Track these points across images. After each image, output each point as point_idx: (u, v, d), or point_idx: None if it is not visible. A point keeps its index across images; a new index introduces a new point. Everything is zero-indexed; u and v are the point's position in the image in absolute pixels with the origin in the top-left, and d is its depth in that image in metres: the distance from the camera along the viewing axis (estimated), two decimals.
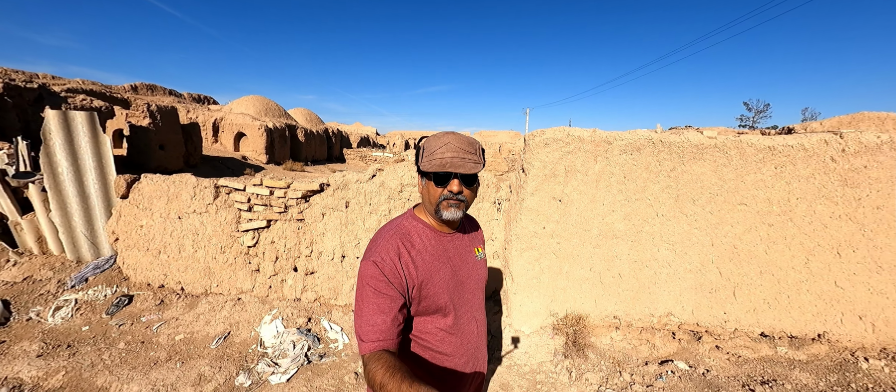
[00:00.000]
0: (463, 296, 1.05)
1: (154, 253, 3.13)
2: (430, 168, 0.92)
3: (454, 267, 1.03)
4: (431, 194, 0.96)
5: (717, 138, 2.58)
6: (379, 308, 0.87)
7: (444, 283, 0.99)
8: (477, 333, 1.10)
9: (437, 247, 1.01)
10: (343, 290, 2.99)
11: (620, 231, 2.68)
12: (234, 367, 2.43)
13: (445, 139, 0.93)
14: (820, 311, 2.68)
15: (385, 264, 0.90)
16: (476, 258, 1.12)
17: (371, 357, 0.81)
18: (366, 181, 2.94)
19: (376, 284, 0.89)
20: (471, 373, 1.08)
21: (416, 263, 0.95)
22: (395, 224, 1.02)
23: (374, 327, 0.85)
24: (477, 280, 1.11)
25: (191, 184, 3.02)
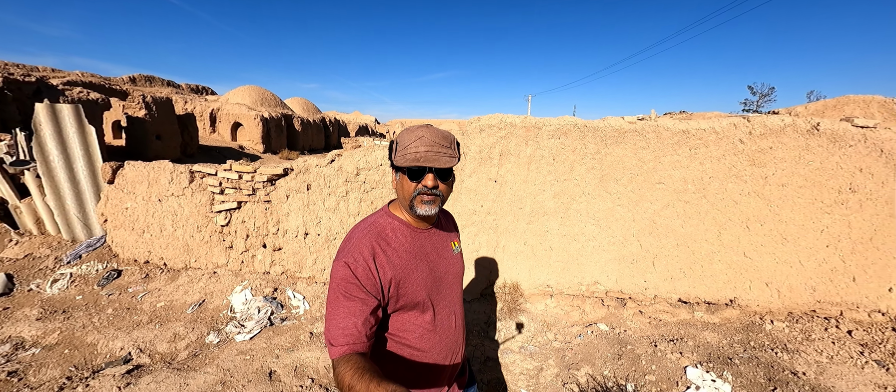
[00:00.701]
0: (441, 291, 1.04)
1: (138, 232, 3.48)
2: (404, 162, 0.90)
3: (431, 263, 1.02)
4: (405, 189, 0.94)
5: (636, 123, 2.83)
6: (349, 311, 0.86)
7: (421, 280, 0.98)
8: (455, 327, 1.09)
9: (414, 243, 0.99)
10: (306, 264, 3.32)
11: (551, 208, 2.97)
12: (205, 328, 2.79)
13: (419, 133, 0.91)
14: (730, 279, 2.97)
15: (357, 265, 0.88)
16: (452, 252, 1.11)
17: (339, 360, 0.80)
18: (325, 166, 3.24)
19: (347, 287, 0.87)
20: (449, 366, 1.08)
21: (393, 262, 0.93)
22: (370, 222, 1.00)
23: (343, 331, 0.84)
24: (454, 274, 1.10)
25: (168, 169, 3.34)
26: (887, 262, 2.83)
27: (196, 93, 21.32)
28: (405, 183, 0.93)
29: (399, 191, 0.96)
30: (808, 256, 2.87)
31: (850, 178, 2.74)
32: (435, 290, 1.02)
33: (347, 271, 0.87)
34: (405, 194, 0.94)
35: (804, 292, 2.92)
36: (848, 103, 10.68)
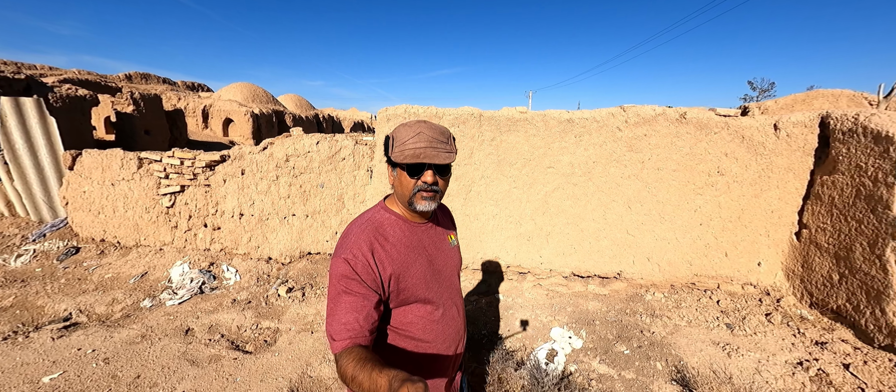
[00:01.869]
0: (441, 284, 1.05)
1: (95, 213, 3.85)
2: (403, 159, 0.89)
3: (430, 256, 1.02)
4: (404, 185, 0.94)
5: (527, 113, 3.14)
6: (350, 306, 0.86)
7: (420, 273, 0.99)
8: (457, 317, 1.11)
9: (412, 238, 1.00)
10: (242, 242, 3.67)
11: (453, 190, 3.29)
12: (142, 295, 3.15)
13: (417, 128, 0.90)
14: (616, 255, 3.27)
15: (357, 261, 0.89)
16: (450, 245, 1.12)
17: (341, 354, 0.81)
18: (258, 153, 3.58)
19: (347, 283, 0.88)
20: (453, 355, 1.09)
21: (392, 256, 0.94)
22: (367, 217, 1.00)
23: (345, 326, 0.85)
24: (453, 267, 1.12)
25: (119, 156, 3.70)
26: (755, 239, 3.12)
27: (191, 90, 21.79)
28: (404, 179, 0.93)
29: (397, 187, 0.96)
30: (684, 234, 3.16)
31: (718, 162, 3.03)
32: (435, 282, 1.02)
33: (347, 267, 0.88)
34: (404, 191, 0.94)
35: (682, 266, 3.22)
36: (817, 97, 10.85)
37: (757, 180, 3.01)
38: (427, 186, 0.92)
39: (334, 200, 3.68)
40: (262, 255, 3.67)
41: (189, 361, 2.33)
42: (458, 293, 1.15)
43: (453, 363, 1.12)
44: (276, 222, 3.64)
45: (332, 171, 3.63)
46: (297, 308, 3.01)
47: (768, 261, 3.13)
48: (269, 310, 3.00)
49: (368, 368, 0.73)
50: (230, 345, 2.55)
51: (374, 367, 0.73)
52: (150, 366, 2.27)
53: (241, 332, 2.72)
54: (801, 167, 2.93)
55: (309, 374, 2.29)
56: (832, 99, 11.17)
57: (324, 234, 3.72)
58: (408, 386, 0.62)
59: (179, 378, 2.18)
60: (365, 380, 0.72)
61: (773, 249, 3.11)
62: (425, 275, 0.99)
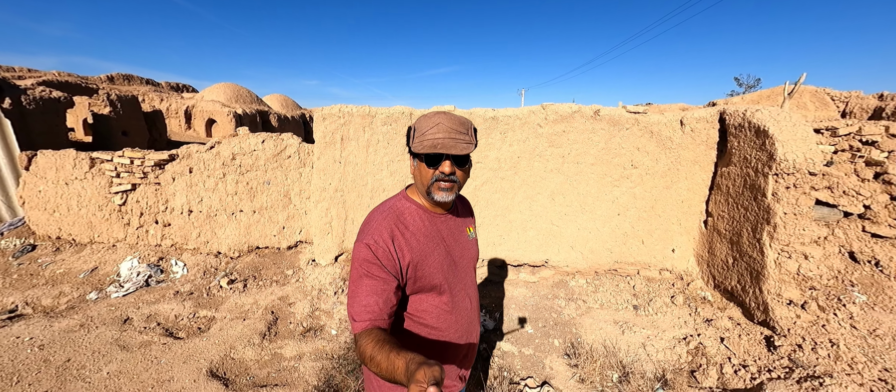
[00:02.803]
0: (457, 274, 1.07)
1: (50, 212, 3.98)
2: (422, 149, 0.91)
3: (448, 247, 1.05)
4: (423, 176, 0.96)
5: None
6: (371, 290, 0.89)
7: (438, 263, 1.01)
8: (470, 308, 1.13)
9: (431, 227, 1.02)
10: (191, 237, 3.83)
11: (389, 185, 3.47)
12: (89, 288, 3.30)
13: (436, 119, 0.92)
14: (543, 244, 3.48)
15: (378, 247, 0.92)
16: (468, 237, 1.14)
17: (361, 334, 0.84)
18: (205, 151, 3.73)
19: (368, 267, 0.91)
20: (464, 345, 1.12)
21: (411, 245, 0.96)
22: (389, 205, 1.03)
23: (365, 308, 0.88)
24: (470, 259, 1.14)
25: (72, 156, 3.83)
26: (668, 227, 3.34)
27: (176, 90, 21.71)
28: (423, 169, 0.95)
29: (417, 177, 0.99)
30: (604, 223, 3.38)
31: (632, 155, 3.24)
32: (451, 272, 1.05)
33: (369, 252, 0.91)
34: (423, 181, 0.96)
35: (604, 254, 3.43)
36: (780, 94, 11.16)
37: (667, 172, 3.22)
38: (445, 177, 0.94)
39: (281, 197, 3.84)
40: (212, 250, 3.83)
41: (120, 346, 2.49)
42: (473, 285, 1.17)
43: (465, 353, 1.13)
44: (224, 218, 3.80)
45: (277, 169, 3.80)
46: (237, 298, 3.18)
47: (681, 247, 3.36)
48: (209, 300, 3.17)
49: (387, 350, 0.75)
50: (164, 332, 2.72)
51: (392, 349, 0.75)
52: (82, 351, 2.42)
53: (177, 321, 2.89)
54: (705, 160, 3.15)
55: (231, 356, 2.47)
56: (796, 95, 11.47)
57: (271, 229, 3.88)
58: (424, 369, 0.63)
59: (107, 361, 2.34)
60: (383, 360, 0.74)
61: (685, 237, 3.34)
62: (442, 264, 1.02)
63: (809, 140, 2.46)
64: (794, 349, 2.22)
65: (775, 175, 2.48)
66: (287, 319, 2.94)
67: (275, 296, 3.22)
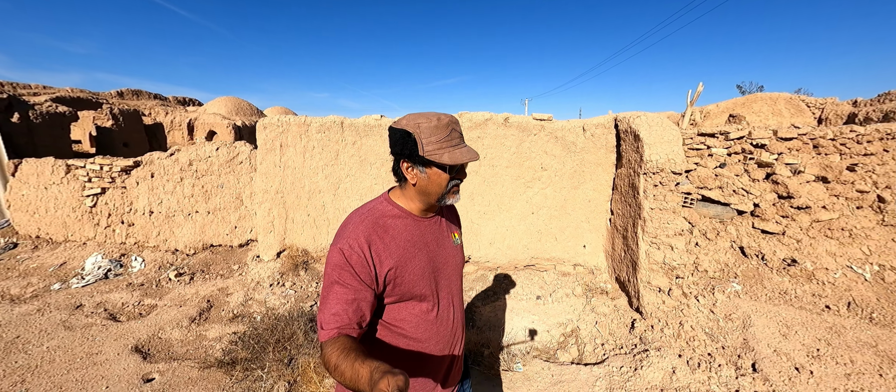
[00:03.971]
0: (440, 282, 1.03)
1: (31, 213, 4.42)
2: (448, 160, 0.89)
3: (431, 252, 1.00)
4: (438, 183, 0.93)
5: (381, 120, 3.67)
6: (341, 297, 0.86)
7: (420, 270, 0.96)
8: (454, 319, 1.08)
9: (414, 232, 0.98)
10: (152, 236, 4.21)
11: (324, 187, 3.81)
12: (54, 280, 3.69)
13: (448, 126, 0.90)
14: (465, 241, 3.75)
15: (352, 252, 0.87)
16: (453, 243, 1.10)
17: (327, 342, 0.81)
18: (165, 158, 4.14)
19: (340, 274, 0.87)
20: (447, 358, 1.07)
21: (391, 250, 0.92)
22: (368, 208, 0.98)
23: (334, 316, 0.84)
24: (454, 265, 1.09)
25: (50, 163, 4.28)
26: (578, 225, 3.59)
27: (182, 104, 22.71)
28: (440, 178, 0.92)
29: (424, 184, 0.94)
30: (519, 221, 3.65)
31: (541, 159, 3.52)
32: (434, 280, 1.00)
33: (342, 258, 0.87)
34: (437, 188, 0.93)
35: (521, 250, 3.69)
36: (756, 100, 11.33)
37: (574, 174, 3.49)
38: (459, 182, 0.95)
39: (233, 199, 4.21)
40: (170, 248, 4.20)
41: (65, 327, 2.84)
42: (459, 293, 1.12)
43: (448, 366, 1.08)
44: (182, 218, 4.18)
45: (230, 173, 4.18)
46: (181, 289, 3.53)
47: (591, 243, 3.60)
48: (157, 290, 3.52)
49: (351, 359, 0.73)
50: (108, 316, 3.07)
51: (357, 358, 0.73)
52: (31, 330, 2.78)
53: (123, 308, 3.24)
54: (607, 162, 3.42)
55: (159, 335, 2.80)
56: (771, 102, 11.66)
57: (224, 229, 4.24)
58: (388, 378, 0.62)
59: (50, 338, 2.69)
60: (347, 369, 0.72)
61: (594, 234, 3.58)
62: (424, 271, 0.97)
63: (674, 143, 2.72)
64: (647, 329, 2.45)
65: (645, 174, 2.74)
66: (220, 307, 3.27)
67: (216, 287, 3.56)
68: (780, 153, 3.30)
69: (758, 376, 2.01)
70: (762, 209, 3.21)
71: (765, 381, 1.98)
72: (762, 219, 3.22)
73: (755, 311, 2.52)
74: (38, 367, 2.40)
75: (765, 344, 2.23)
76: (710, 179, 3.29)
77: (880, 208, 3.19)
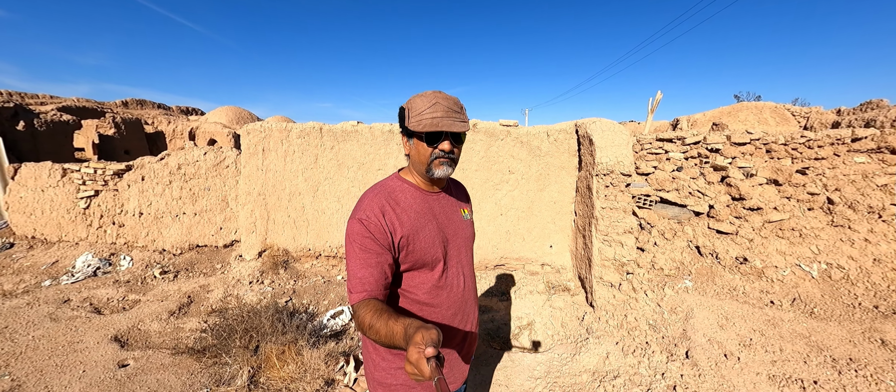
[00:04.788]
0: (449, 251, 1.08)
1: (28, 215, 4.63)
2: (421, 128, 0.94)
3: (440, 224, 1.06)
4: (422, 154, 0.99)
5: (358, 126, 3.88)
6: (365, 263, 0.92)
7: (430, 238, 1.02)
8: (465, 287, 1.13)
9: (423, 204, 1.04)
10: (141, 236, 4.40)
11: (304, 189, 4.00)
12: (45, 277, 3.87)
13: (434, 98, 0.95)
14: None
15: (370, 222, 0.94)
16: (462, 218, 1.15)
17: (358, 305, 0.87)
18: (156, 162, 4.35)
19: (362, 241, 0.93)
20: (459, 327, 1.12)
21: (402, 220, 0.98)
22: (380, 185, 1.06)
23: (360, 281, 0.90)
24: (464, 238, 1.14)
25: (47, 167, 4.51)
26: (545, 226, 3.74)
27: (184, 113, 23.22)
28: (422, 148, 0.98)
29: (414, 156, 1.01)
30: (489, 222, 3.81)
31: (508, 163, 3.70)
32: (443, 249, 1.06)
33: (361, 227, 0.94)
34: (422, 158, 0.99)
35: (491, 250, 3.84)
36: (742, 109, 11.52)
37: (539, 177, 3.67)
38: (444, 154, 0.98)
39: (219, 201, 4.41)
40: (158, 248, 4.38)
41: (51, 319, 3.01)
42: (469, 264, 1.17)
43: (463, 339, 1.13)
44: (170, 220, 4.37)
45: (216, 177, 4.38)
46: (164, 286, 3.70)
47: (557, 243, 3.75)
48: (141, 287, 3.69)
49: (385, 318, 0.79)
50: (92, 310, 3.23)
51: (390, 317, 0.78)
52: (20, 321, 2.95)
53: (108, 302, 3.40)
54: (570, 166, 3.59)
55: (138, 327, 2.96)
56: (756, 111, 11.85)
57: (210, 230, 4.43)
58: (422, 332, 0.66)
59: (36, 329, 2.86)
60: (382, 327, 0.77)
61: (560, 234, 3.73)
62: (434, 240, 1.03)
63: (623, 147, 2.90)
64: (595, 320, 2.59)
65: (597, 176, 2.91)
66: (200, 302, 3.43)
67: (198, 284, 3.72)
68: (734, 157, 3.46)
69: (688, 362, 2.14)
70: (717, 210, 3.36)
71: (693, 366, 2.11)
72: (717, 219, 3.36)
73: (699, 305, 2.65)
74: (22, 353, 2.56)
75: (701, 334, 2.36)
76: (668, 182, 3.45)
77: (830, 210, 3.33)
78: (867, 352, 2.27)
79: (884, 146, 3.45)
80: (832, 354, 2.24)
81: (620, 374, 1.99)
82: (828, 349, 2.28)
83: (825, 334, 2.42)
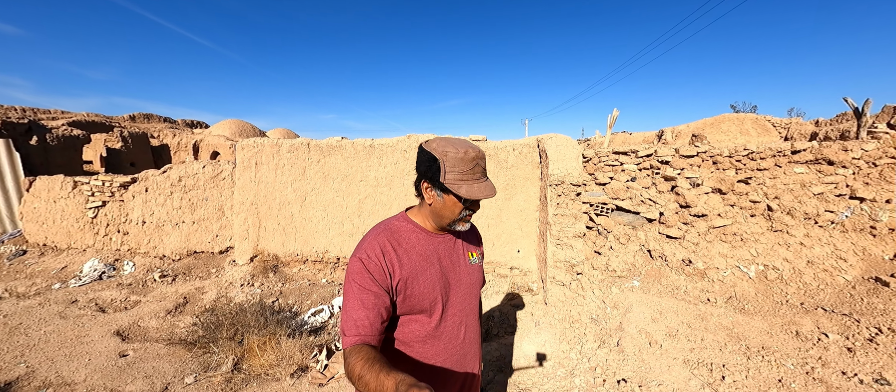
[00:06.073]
0: (451, 298, 1.04)
1: (40, 224, 5.01)
2: (465, 194, 0.93)
3: (443, 268, 1.03)
4: (450, 209, 0.97)
5: (342, 141, 4.25)
6: (362, 303, 0.89)
7: (430, 283, 0.99)
8: (465, 338, 1.08)
9: (428, 247, 1.01)
10: (143, 243, 4.75)
11: (293, 199, 4.36)
12: (55, 280, 4.22)
13: (474, 160, 0.94)
14: None
15: (370, 261, 0.92)
16: (469, 262, 1.11)
17: (350, 351, 0.83)
18: (159, 175, 4.74)
19: (361, 280, 0.91)
20: (459, 374, 1.08)
21: (402, 261, 0.96)
22: (385, 224, 1.03)
23: (355, 323, 0.87)
24: (469, 284, 1.10)
25: (60, 180, 4.91)
26: (512, 232, 4.06)
27: (189, 127, 23.89)
28: (453, 205, 0.96)
29: (438, 207, 0.99)
30: None
31: None
32: (445, 295, 1.02)
33: (361, 266, 0.92)
34: (449, 214, 0.98)
35: None
36: (724, 121, 11.87)
37: (507, 187, 4.00)
38: (471, 212, 0.99)
39: (216, 210, 4.77)
40: (159, 253, 4.73)
41: (61, 316, 3.35)
42: (474, 313, 1.12)
43: (462, 383, 1.09)
44: (170, 228, 4.74)
45: (214, 188, 4.76)
46: (163, 288, 4.03)
47: (525, 248, 4.06)
48: (142, 289, 4.03)
49: (376, 369, 0.75)
50: (97, 309, 3.57)
51: (381, 369, 0.75)
52: (32, 318, 3.29)
53: (111, 302, 3.74)
54: (533, 177, 3.93)
55: (137, 324, 3.29)
56: (738, 122, 12.21)
57: (207, 237, 4.78)
58: (414, 391, 0.64)
59: (47, 325, 3.19)
60: (372, 380, 0.74)
61: (527, 240, 4.05)
62: (435, 285, 1.00)
63: (573, 160, 3.24)
64: (543, 315, 2.89)
65: (550, 185, 3.25)
66: (195, 302, 3.75)
67: (194, 287, 4.06)
68: (683, 169, 3.78)
69: (616, 349, 2.44)
70: (666, 217, 3.67)
71: (620, 352, 2.40)
72: (667, 225, 3.67)
73: (639, 302, 2.95)
74: (36, 345, 2.89)
75: (634, 326, 2.66)
76: (622, 191, 3.77)
77: (769, 216, 3.63)
78: (780, 342, 2.55)
79: (821, 158, 3.76)
80: (748, 344, 2.52)
81: (552, 357, 2.28)
82: (745, 339, 2.57)
83: (747, 327, 2.71)
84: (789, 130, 10.77)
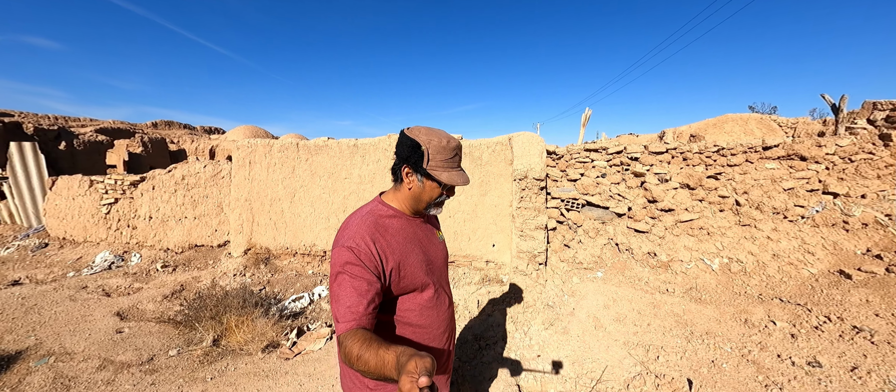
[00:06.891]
0: (433, 272, 1.13)
1: (60, 219, 5.48)
2: (447, 181, 1.02)
3: (424, 247, 1.12)
4: (429, 194, 1.06)
5: (328, 141, 4.53)
6: (354, 290, 0.91)
7: (417, 263, 1.07)
8: (449, 305, 1.19)
9: (408, 231, 1.09)
10: (150, 237, 5.14)
11: (283, 195, 4.65)
12: (71, 269, 4.63)
13: (453, 147, 1.03)
14: None
15: (360, 249, 0.95)
16: (439, 240, 1.22)
17: (346, 335, 0.85)
18: (164, 174, 5.13)
19: (351, 269, 0.93)
20: (446, 348, 1.16)
21: (393, 247, 1.01)
22: (366, 210, 1.07)
23: (349, 309, 0.89)
24: (442, 259, 1.21)
25: (78, 178, 5.37)
26: (487, 227, 4.22)
27: (207, 133, 25.04)
28: (432, 190, 1.05)
29: (417, 192, 1.06)
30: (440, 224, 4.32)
31: None
32: (430, 271, 1.11)
33: (351, 255, 0.95)
34: (426, 198, 1.07)
35: None
36: (727, 121, 11.69)
37: (482, 184, 4.18)
38: (446, 198, 1.08)
39: (215, 207, 5.12)
40: (163, 246, 5.11)
41: (71, 299, 3.71)
42: (447, 284, 1.23)
43: (447, 357, 1.17)
44: (174, 223, 5.11)
45: (214, 186, 5.11)
46: (164, 277, 4.37)
47: (499, 243, 4.21)
48: (146, 278, 4.38)
49: (375, 347, 0.77)
50: (103, 293, 3.92)
51: (379, 346, 0.77)
52: (46, 300, 3.66)
53: (117, 288, 4.09)
54: (506, 174, 4.09)
55: (137, 307, 3.61)
56: (741, 122, 12.05)
57: (207, 231, 5.13)
58: (416, 360, 0.66)
59: (58, 305, 3.55)
60: (372, 357, 0.76)
61: (501, 234, 4.20)
62: (422, 264, 1.08)
63: (536, 156, 3.39)
64: (503, 301, 3.04)
65: (515, 179, 3.41)
66: (190, 290, 4.06)
67: (191, 276, 4.38)
68: (652, 165, 3.87)
69: (561, 331, 2.57)
70: (634, 211, 3.77)
71: (564, 333, 2.53)
72: (634, 220, 3.76)
73: (596, 291, 3.07)
74: (46, 323, 3.24)
75: (585, 312, 2.78)
76: (592, 187, 3.89)
77: (737, 211, 3.67)
78: (727, 328, 2.62)
79: (793, 154, 3.79)
80: (693, 330, 2.61)
81: (498, 337, 2.43)
82: (692, 325, 2.65)
83: (698, 314, 2.79)
84: (796, 130, 10.52)
